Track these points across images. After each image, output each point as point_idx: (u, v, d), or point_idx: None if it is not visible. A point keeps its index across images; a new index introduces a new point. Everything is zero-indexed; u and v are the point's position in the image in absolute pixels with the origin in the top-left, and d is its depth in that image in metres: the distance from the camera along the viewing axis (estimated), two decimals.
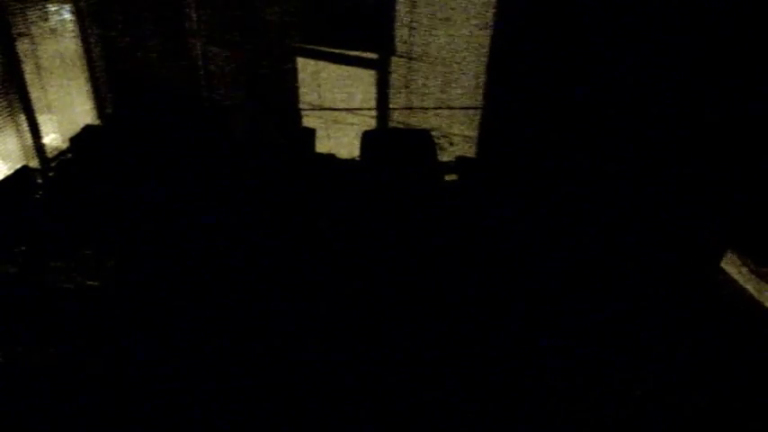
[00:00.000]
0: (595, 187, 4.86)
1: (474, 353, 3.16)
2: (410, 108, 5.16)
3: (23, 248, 3.55)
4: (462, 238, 4.17)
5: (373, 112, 5.33)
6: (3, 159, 4.00)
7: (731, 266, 3.71)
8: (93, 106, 4.95)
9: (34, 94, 4.27)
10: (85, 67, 4.81)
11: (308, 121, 5.44)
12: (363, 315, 3.38)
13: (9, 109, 3.98)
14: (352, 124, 5.39)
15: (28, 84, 4.17)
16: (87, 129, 4.59)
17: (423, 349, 3.17)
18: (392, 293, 3.51)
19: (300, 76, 5.25)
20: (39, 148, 4.35)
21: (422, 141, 5.12)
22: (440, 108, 5.19)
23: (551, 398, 2.83)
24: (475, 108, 5.18)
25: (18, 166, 4.14)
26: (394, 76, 5.17)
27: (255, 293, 3.50)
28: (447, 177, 5.19)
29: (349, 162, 5.30)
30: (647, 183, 4.74)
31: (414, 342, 3.22)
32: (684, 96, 4.43)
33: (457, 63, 5.04)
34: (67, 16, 4.55)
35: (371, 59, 5.11)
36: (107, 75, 4.94)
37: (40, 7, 4.21)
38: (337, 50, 5.13)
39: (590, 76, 4.57)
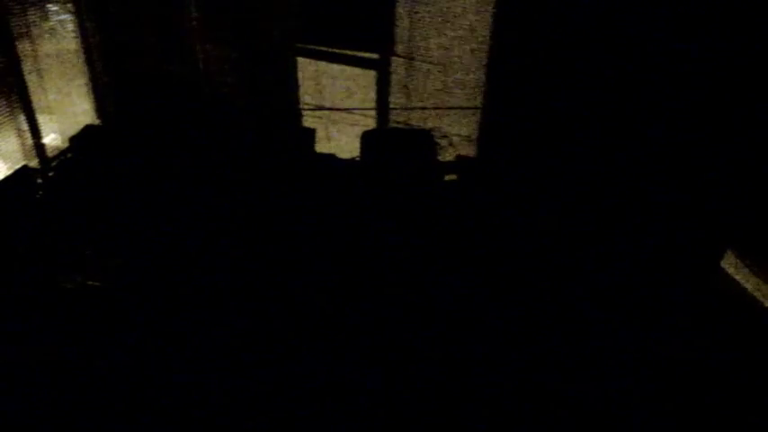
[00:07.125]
0: (595, 187, 4.86)
1: (474, 353, 3.16)
2: (410, 108, 5.16)
3: (24, 248, 3.55)
4: (462, 238, 4.17)
5: (373, 112, 5.33)
6: (3, 159, 4.00)
7: (731, 266, 3.72)
8: (93, 106, 4.95)
9: (34, 94, 4.26)
10: (85, 66, 4.81)
11: (308, 121, 5.44)
12: (364, 315, 3.38)
13: (9, 109, 3.98)
14: (353, 124, 5.39)
15: (28, 84, 4.17)
16: (87, 129, 4.59)
17: (422, 349, 3.17)
18: (392, 293, 3.52)
19: (300, 75, 5.25)
20: (39, 148, 4.35)
21: (422, 141, 5.12)
22: (440, 108, 5.19)
23: (551, 398, 2.83)
24: (475, 108, 5.18)
25: (18, 166, 4.14)
26: (394, 76, 5.17)
27: (256, 294, 3.51)
28: (447, 177, 5.19)
29: (349, 162, 5.30)
30: (647, 183, 4.74)
31: (413, 342, 3.22)
32: (684, 96, 4.43)
33: (457, 63, 5.05)
34: (67, 16, 4.55)
35: (371, 59, 5.11)
36: (107, 74, 4.93)
37: (39, 7, 4.21)
38: (337, 50, 5.13)
39: (590, 76, 4.57)
